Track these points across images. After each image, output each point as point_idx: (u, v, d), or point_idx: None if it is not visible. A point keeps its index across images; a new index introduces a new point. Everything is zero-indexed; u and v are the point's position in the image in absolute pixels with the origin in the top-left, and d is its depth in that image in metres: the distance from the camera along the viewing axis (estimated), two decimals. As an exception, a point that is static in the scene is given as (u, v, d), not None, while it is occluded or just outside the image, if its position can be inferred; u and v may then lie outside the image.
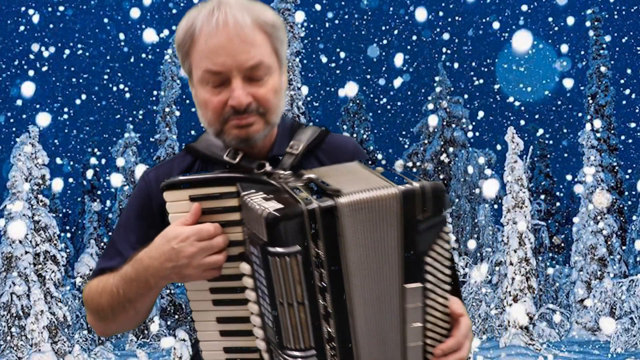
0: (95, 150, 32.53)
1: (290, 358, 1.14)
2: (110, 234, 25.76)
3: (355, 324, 1.17)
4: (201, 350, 1.29)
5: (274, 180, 1.23)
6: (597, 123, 23.00)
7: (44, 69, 54.11)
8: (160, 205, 1.30)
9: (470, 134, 26.98)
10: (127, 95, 69.10)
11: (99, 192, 31.74)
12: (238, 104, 1.27)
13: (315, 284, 1.12)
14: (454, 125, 27.05)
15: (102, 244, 25.77)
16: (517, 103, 38.49)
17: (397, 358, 1.23)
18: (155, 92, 26.68)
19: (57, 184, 17.82)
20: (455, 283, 1.32)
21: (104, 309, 1.33)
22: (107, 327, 1.38)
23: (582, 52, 28.97)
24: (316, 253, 1.11)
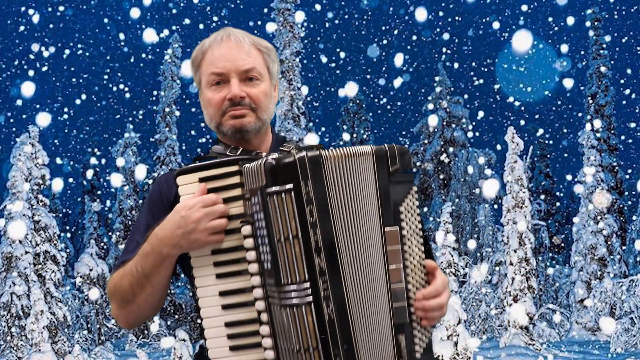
0: (95, 150, 32.57)
1: (287, 296, 1.31)
2: (110, 234, 25.78)
3: (342, 260, 1.35)
4: (204, 329, 1.41)
5: None
6: (597, 123, 22.98)
7: (44, 69, 54.01)
8: (169, 199, 1.60)
9: (470, 134, 26.97)
10: (127, 95, 68.90)
11: (99, 192, 31.78)
12: (233, 96, 1.60)
13: (307, 219, 1.32)
14: (454, 125, 27.05)
15: (102, 244, 25.77)
16: (517, 103, 38.46)
17: (384, 296, 1.41)
18: (155, 92, 26.67)
19: (57, 184, 17.82)
20: (427, 245, 1.54)
21: (125, 291, 1.51)
22: (129, 311, 1.53)
23: (582, 52, 28.98)
24: (307, 191, 1.32)
